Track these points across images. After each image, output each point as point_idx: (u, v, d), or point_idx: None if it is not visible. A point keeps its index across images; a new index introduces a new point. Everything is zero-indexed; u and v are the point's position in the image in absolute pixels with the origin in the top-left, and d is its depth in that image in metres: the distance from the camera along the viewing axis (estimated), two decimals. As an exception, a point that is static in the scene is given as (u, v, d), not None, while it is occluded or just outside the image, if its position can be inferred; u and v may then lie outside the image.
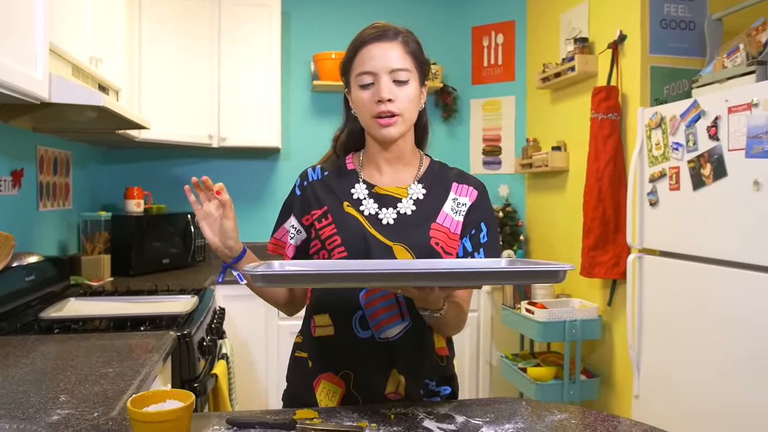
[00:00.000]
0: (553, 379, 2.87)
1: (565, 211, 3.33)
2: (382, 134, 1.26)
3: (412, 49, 1.28)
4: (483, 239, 1.30)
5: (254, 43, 3.42)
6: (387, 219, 1.28)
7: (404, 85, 1.25)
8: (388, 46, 1.25)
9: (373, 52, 1.25)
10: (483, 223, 1.31)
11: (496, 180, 3.94)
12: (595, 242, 2.79)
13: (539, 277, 1.09)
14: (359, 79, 1.26)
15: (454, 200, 1.31)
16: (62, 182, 2.88)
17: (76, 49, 2.02)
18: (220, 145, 3.41)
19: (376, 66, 1.24)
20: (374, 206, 1.29)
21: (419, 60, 1.29)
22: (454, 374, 1.36)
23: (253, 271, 0.96)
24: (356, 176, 1.34)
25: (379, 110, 1.24)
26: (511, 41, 3.87)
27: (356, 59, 1.27)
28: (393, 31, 1.28)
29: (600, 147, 2.78)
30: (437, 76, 3.80)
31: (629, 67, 2.74)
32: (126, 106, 2.67)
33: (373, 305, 1.24)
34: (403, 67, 1.25)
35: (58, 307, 2.04)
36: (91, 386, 1.33)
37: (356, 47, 1.27)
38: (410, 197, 1.30)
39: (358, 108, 1.29)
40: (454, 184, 1.33)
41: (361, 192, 1.31)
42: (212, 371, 2.07)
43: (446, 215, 1.29)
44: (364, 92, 1.26)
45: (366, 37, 1.27)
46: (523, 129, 3.87)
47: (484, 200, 1.34)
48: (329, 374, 1.27)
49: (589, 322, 2.85)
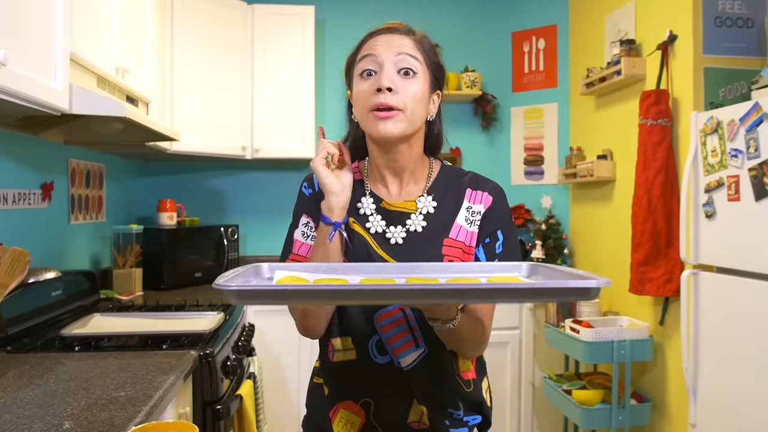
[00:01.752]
0: (600, 403, 2.68)
1: (612, 224, 3.14)
2: (378, 130, 1.09)
3: (425, 47, 1.15)
4: (498, 249, 1.16)
5: (288, 52, 3.37)
6: (395, 238, 1.15)
7: (410, 78, 1.10)
8: (398, 36, 1.13)
9: (379, 39, 1.13)
10: (499, 231, 1.17)
11: (538, 191, 3.77)
12: (645, 257, 2.60)
13: (564, 294, 0.92)
14: (360, 65, 1.12)
15: (468, 209, 1.18)
16: (95, 195, 2.87)
17: (101, 60, 1.98)
18: (253, 156, 3.36)
19: (380, 49, 1.11)
20: (381, 224, 1.17)
21: (432, 60, 1.16)
22: (483, 400, 1.21)
23: (225, 287, 0.79)
24: (363, 187, 1.22)
25: (377, 101, 1.08)
26: (553, 46, 3.71)
27: (361, 50, 1.14)
28: (405, 28, 1.15)
29: (649, 155, 2.60)
30: (476, 83, 3.67)
31: (681, 69, 2.56)
32: (157, 117, 2.64)
33: (388, 330, 1.12)
34: (411, 53, 1.11)
35: (82, 323, 2.00)
36: (98, 412, 1.25)
37: (362, 40, 1.16)
38: (419, 212, 1.17)
39: (356, 103, 1.14)
40: (468, 190, 1.19)
41: (368, 207, 1.19)
42: (237, 392, 1.98)
43: (460, 227, 1.16)
44: (364, 82, 1.11)
45: (375, 30, 1.15)
46: (566, 137, 3.70)
47: (501, 206, 1.20)
48: (349, 402, 1.16)
49: (640, 342, 2.66)
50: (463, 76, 3.67)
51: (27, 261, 1.49)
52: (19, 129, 2.12)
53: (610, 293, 3.13)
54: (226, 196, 3.75)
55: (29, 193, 2.20)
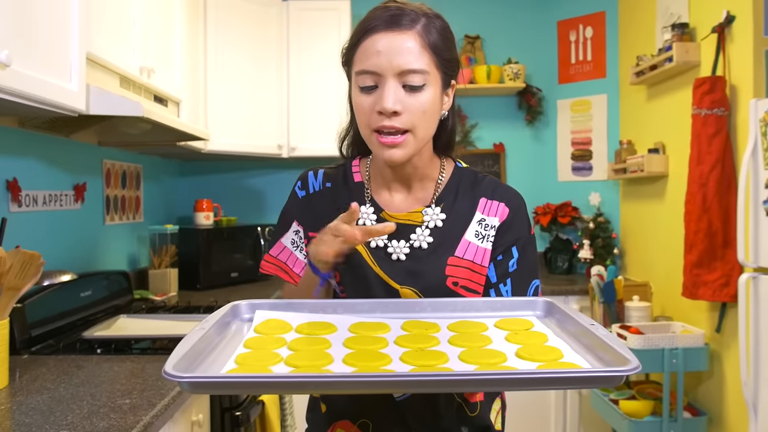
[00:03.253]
0: (650, 415, 2.50)
1: (664, 222, 2.94)
2: (383, 156, 0.99)
3: (432, 40, 0.98)
4: (512, 267, 1.03)
5: (323, 49, 3.31)
6: (398, 254, 1.03)
7: (418, 92, 0.97)
8: (401, 37, 0.96)
9: (378, 45, 0.96)
10: (514, 248, 1.04)
11: (586, 187, 3.59)
12: (699, 258, 2.40)
13: (585, 382, 0.79)
14: (359, 79, 0.99)
15: (480, 222, 1.04)
16: (132, 195, 2.89)
17: (123, 60, 1.97)
18: (289, 155, 3.33)
19: (380, 64, 0.96)
20: (383, 237, 1.04)
21: (442, 57, 1.00)
22: (490, 424, 1.08)
23: (181, 379, 0.67)
24: (363, 191, 1.10)
25: (381, 124, 0.97)
26: (602, 34, 3.51)
27: (358, 50, 1.00)
28: (410, 15, 0.98)
29: (704, 147, 2.40)
30: (519, 75, 3.52)
31: (739, 53, 2.35)
32: (189, 117, 2.63)
33: None
34: (417, 68, 0.96)
35: (106, 325, 1.99)
36: (98, 421, 1.22)
37: (359, 34, 1.00)
38: (426, 225, 1.04)
39: (357, 115, 1.02)
40: (482, 200, 1.06)
41: (368, 217, 1.07)
42: (259, 398, 1.93)
43: (468, 244, 1.03)
44: (364, 97, 0.99)
45: (373, 21, 0.98)
46: (616, 130, 3.49)
47: (518, 218, 1.06)
48: (346, 422, 1.07)
49: (694, 350, 2.46)
50: (506, 69, 3.52)
51: (39, 264, 1.47)
52: (49, 131, 2.13)
53: (662, 296, 2.93)
54: (264, 195, 3.73)
55: (61, 194, 2.22)
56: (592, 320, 0.87)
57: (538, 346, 0.84)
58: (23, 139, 2.01)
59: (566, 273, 3.50)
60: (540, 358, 0.80)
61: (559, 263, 3.52)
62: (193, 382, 0.67)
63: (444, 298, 0.98)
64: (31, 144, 2.05)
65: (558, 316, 0.95)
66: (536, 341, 0.86)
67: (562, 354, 0.81)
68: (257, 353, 0.78)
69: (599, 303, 2.86)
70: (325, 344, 0.82)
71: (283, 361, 0.76)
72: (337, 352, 0.80)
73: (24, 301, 1.76)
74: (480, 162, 3.71)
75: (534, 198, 3.67)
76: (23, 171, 1.98)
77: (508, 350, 0.83)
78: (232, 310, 0.91)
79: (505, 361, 0.79)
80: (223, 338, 0.84)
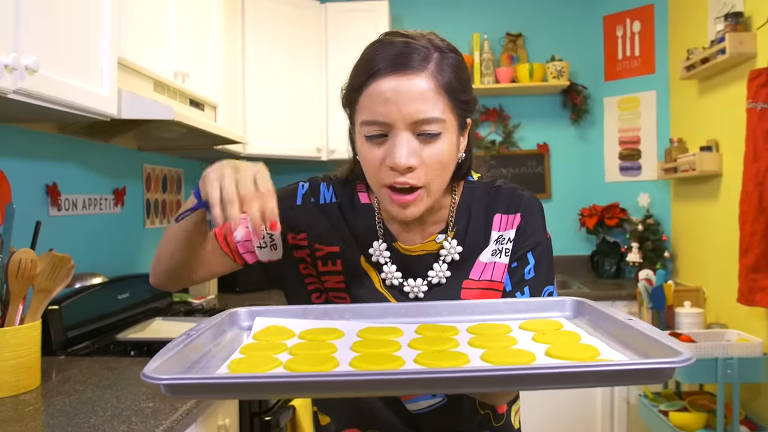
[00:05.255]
0: (702, 429, 2.36)
1: (718, 224, 2.78)
2: (395, 214, 0.89)
3: (447, 81, 0.85)
4: (528, 274, 0.95)
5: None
6: (415, 293, 0.96)
7: (434, 141, 0.85)
8: (411, 80, 0.82)
9: (386, 91, 0.82)
10: (530, 254, 0.96)
11: (635, 188, 3.44)
12: (756, 262, 2.25)
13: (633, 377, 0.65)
14: (365, 129, 0.86)
15: (497, 240, 0.96)
16: (173, 200, 2.93)
17: (157, 65, 1.99)
18: (329, 158, 3.32)
19: (389, 113, 0.83)
20: (397, 276, 0.96)
21: (459, 99, 0.87)
22: (512, 430, 1.02)
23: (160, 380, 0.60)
24: (373, 216, 0.98)
25: (393, 180, 0.85)
26: (650, 28, 3.36)
27: (362, 96, 0.86)
28: (420, 53, 0.84)
29: (760, 144, 2.25)
30: (563, 73, 3.41)
31: (799, 43, 2.20)
32: (225, 121, 2.64)
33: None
34: (432, 116, 0.83)
35: (140, 327, 2.01)
36: (119, 424, 1.22)
37: (363, 77, 0.85)
38: (443, 260, 0.96)
39: (364, 166, 0.90)
40: (497, 217, 0.97)
41: (381, 253, 0.96)
42: (290, 402, 1.91)
43: (485, 265, 0.96)
44: (372, 148, 0.86)
45: (377, 63, 0.84)
46: (666, 128, 3.34)
47: (532, 222, 0.97)
48: (354, 431, 1.02)
49: (750, 361, 2.31)
50: (549, 66, 3.41)
51: (70, 266, 1.49)
52: (88, 136, 2.18)
53: (716, 302, 2.77)
54: (304, 198, 3.72)
55: (100, 198, 2.26)
56: (630, 315, 0.77)
57: (570, 344, 0.75)
58: (63, 144, 2.05)
59: (614, 277, 3.37)
60: (574, 356, 0.71)
61: (606, 267, 3.38)
62: (173, 385, 0.61)
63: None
64: (70, 149, 2.10)
65: (589, 315, 0.85)
66: (568, 340, 0.77)
67: (598, 352, 0.72)
68: (253, 358, 0.73)
69: (647, 309, 2.73)
70: (331, 349, 0.76)
71: (281, 365, 0.70)
72: (343, 356, 0.73)
73: (61, 303, 1.79)
74: (523, 163, 3.62)
75: (580, 199, 3.55)
76: (63, 175, 2.02)
77: (537, 350, 0.74)
78: (230, 317, 0.88)
79: (533, 361, 0.70)
80: (217, 344, 0.80)
